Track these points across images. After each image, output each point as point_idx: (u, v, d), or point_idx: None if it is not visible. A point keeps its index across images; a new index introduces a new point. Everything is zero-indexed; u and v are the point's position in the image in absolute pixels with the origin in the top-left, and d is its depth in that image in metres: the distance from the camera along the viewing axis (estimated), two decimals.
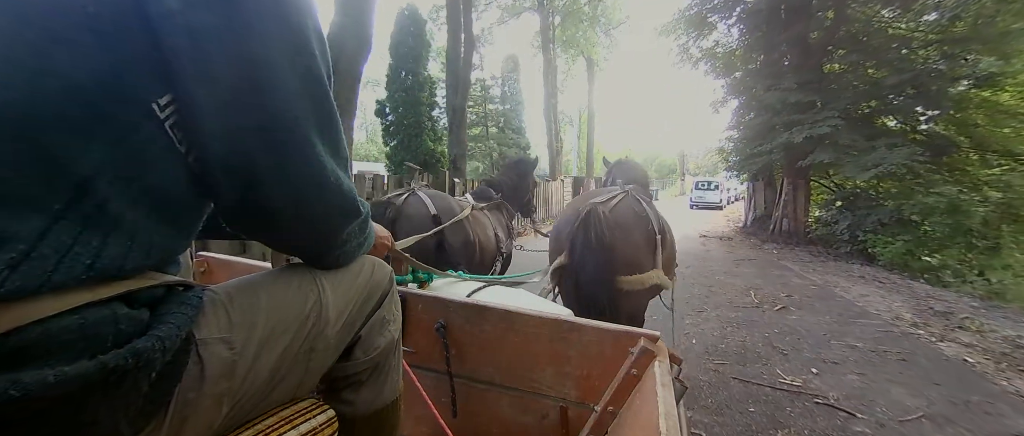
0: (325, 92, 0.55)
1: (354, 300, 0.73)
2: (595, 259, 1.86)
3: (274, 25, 0.48)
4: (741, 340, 3.56)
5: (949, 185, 7.03)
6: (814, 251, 8.33)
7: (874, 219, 7.56)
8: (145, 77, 0.43)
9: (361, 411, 0.77)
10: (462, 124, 10.49)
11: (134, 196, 0.44)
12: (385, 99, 14.35)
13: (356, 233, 0.70)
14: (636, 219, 2.01)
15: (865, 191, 8.65)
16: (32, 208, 0.37)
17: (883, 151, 7.48)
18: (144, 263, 0.46)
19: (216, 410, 0.53)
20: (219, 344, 0.53)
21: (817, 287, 5.52)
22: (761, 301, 4.76)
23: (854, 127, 8.35)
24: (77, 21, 0.39)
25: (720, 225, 13.73)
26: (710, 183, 22.15)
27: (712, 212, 19.79)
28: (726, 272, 6.31)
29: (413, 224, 2.28)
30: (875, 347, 3.50)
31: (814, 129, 8.14)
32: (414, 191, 2.49)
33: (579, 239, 1.89)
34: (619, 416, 0.94)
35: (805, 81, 8.93)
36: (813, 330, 3.85)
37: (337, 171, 0.58)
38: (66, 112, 0.38)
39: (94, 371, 0.38)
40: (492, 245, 2.79)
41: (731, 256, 7.85)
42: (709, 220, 15.36)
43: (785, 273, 6.39)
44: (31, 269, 0.37)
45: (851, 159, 7.88)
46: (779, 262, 7.33)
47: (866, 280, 6.10)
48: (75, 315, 0.39)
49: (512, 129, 20.35)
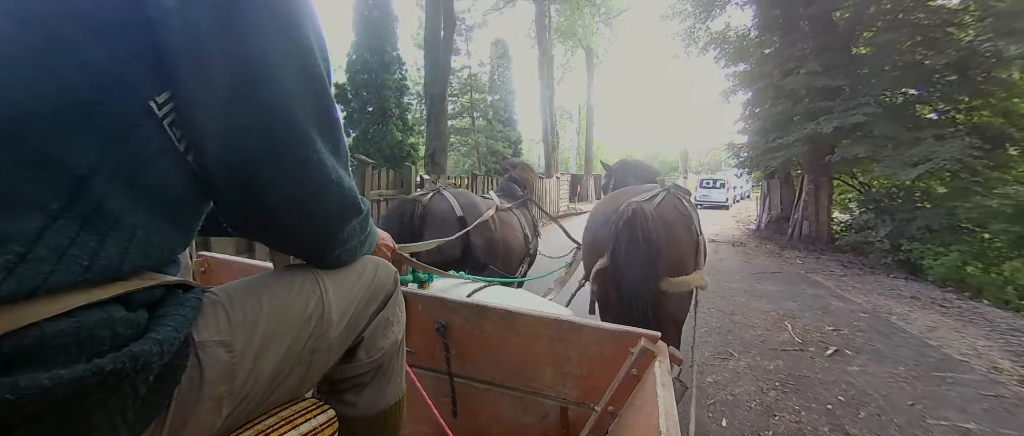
0: (324, 89, 0.54)
1: (357, 301, 0.71)
2: (641, 260, 1.76)
3: (272, 22, 0.48)
4: (795, 417, 2.40)
5: (1017, 185, 5.82)
6: (844, 261, 7.15)
7: (919, 225, 6.37)
8: (143, 75, 0.43)
9: (363, 413, 0.76)
10: (442, 114, 9.32)
11: (132, 195, 0.43)
12: (346, 82, 12.53)
13: (357, 231, 0.69)
14: (681, 218, 1.94)
15: (905, 191, 7.44)
16: (29, 208, 0.37)
17: (931, 144, 6.30)
18: (142, 264, 0.45)
19: (215, 413, 0.51)
20: (218, 347, 0.51)
21: (867, 315, 4.35)
22: (804, 338, 3.60)
23: (892, 116, 7.18)
24: (73, 19, 0.39)
25: (729, 227, 12.53)
26: (716, 181, 20.83)
27: (718, 212, 18.59)
28: (747, 291, 5.14)
29: (439, 224, 2.23)
30: (993, 428, 2.35)
31: (846, 117, 6.96)
32: (439, 190, 2.40)
33: (624, 238, 1.79)
34: (619, 416, 0.94)
35: (832, 64, 7.75)
36: (892, 394, 2.69)
37: (337, 169, 0.58)
38: (63, 110, 0.38)
39: (90, 375, 0.37)
40: (520, 245, 2.68)
41: (749, 267, 6.68)
42: (716, 221, 14.17)
43: (820, 292, 5.22)
44: (27, 271, 0.36)
45: (890, 153, 6.71)
46: (807, 276, 6.16)
47: (922, 303, 4.93)
48: (71, 318, 0.38)
49: (501, 121, 18.71)
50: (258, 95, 0.47)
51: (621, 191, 2.25)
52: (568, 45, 23.46)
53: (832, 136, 7.43)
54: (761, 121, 9.38)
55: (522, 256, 2.70)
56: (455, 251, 2.22)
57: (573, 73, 25.50)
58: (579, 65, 24.50)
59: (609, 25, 25.18)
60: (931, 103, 7.80)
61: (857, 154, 7.03)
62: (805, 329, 3.82)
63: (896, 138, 6.74)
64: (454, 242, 2.09)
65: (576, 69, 25.03)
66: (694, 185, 20.66)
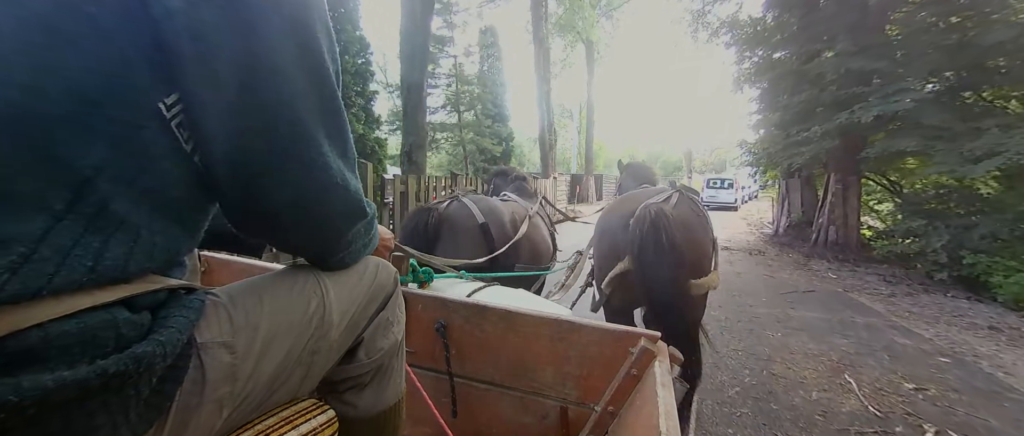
0: (332, 91, 0.54)
1: (358, 302, 0.71)
2: (669, 262, 1.71)
3: (279, 22, 0.47)
4: None
5: None
6: (885, 275, 6.04)
7: (983, 233, 5.26)
8: (150, 77, 0.42)
9: (363, 413, 0.75)
10: (420, 106, 8.25)
11: (137, 196, 0.43)
12: None
13: (362, 234, 0.69)
14: (698, 219, 1.95)
15: (958, 192, 6.31)
16: (33, 209, 0.37)
17: (996, 135, 5.19)
18: (147, 266, 0.45)
19: (216, 414, 0.51)
20: (220, 348, 0.51)
21: (950, 361, 3.24)
22: (880, 405, 2.50)
23: (940, 104, 6.07)
24: (80, 21, 0.38)
25: (741, 231, 11.42)
26: (724, 180, 19.61)
27: (727, 213, 17.47)
28: (781, 320, 4.05)
29: (459, 233, 2.12)
30: None
31: (887, 105, 5.86)
32: (458, 197, 2.27)
33: (650, 241, 1.72)
34: (619, 416, 0.94)
35: (866, 45, 6.65)
36: None
37: (343, 171, 0.57)
38: (69, 111, 0.38)
39: (93, 376, 0.37)
40: (547, 246, 2.61)
41: (774, 282, 5.59)
42: (726, 223, 13.06)
43: (872, 321, 4.13)
44: (31, 272, 0.36)
45: (944, 147, 5.60)
46: (848, 295, 5.07)
47: (1006, 336, 3.83)
48: (75, 320, 0.38)
49: (491, 116, 17.06)
50: (265, 96, 0.47)
51: (629, 195, 2.24)
52: (568, 39, 22.46)
53: (869, 128, 6.33)
54: (780, 113, 8.24)
55: (548, 259, 2.62)
56: (484, 261, 2.09)
57: (573, 69, 24.56)
58: (579, 60, 23.54)
59: (610, 18, 24.16)
60: (982, 90, 6.69)
61: (902, 148, 5.91)
62: (875, 388, 2.73)
63: (950, 129, 5.63)
64: (482, 250, 2.05)
65: (576, 65, 24.09)
66: (700, 185, 19.52)
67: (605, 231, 2.02)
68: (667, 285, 1.69)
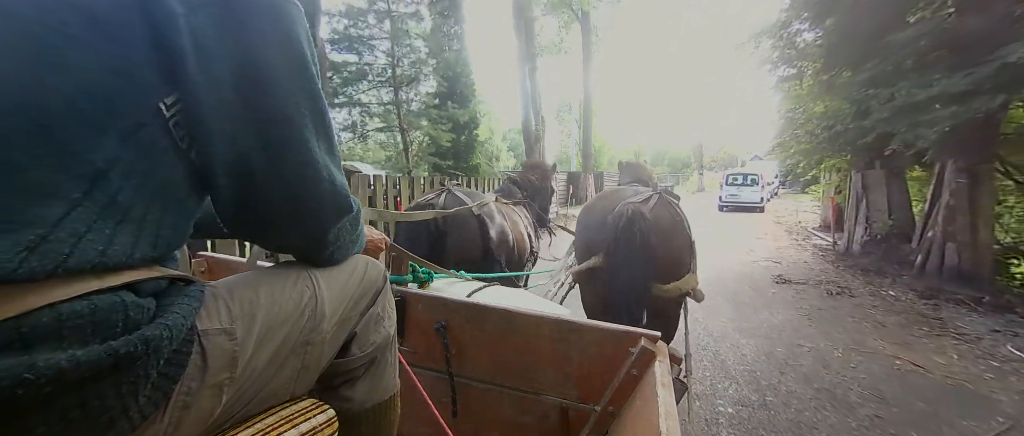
0: (318, 89, 0.57)
1: (349, 297, 0.74)
2: (638, 262, 1.77)
3: (269, 23, 0.51)
4: None
5: None
6: None
7: None
8: (153, 77, 0.44)
9: (359, 406, 0.78)
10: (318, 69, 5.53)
11: (142, 189, 0.45)
12: None
13: (348, 229, 0.71)
14: (674, 223, 1.97)
15: None
16: (52, 196, 0.39)
17: None
18: (150, 254, 0.47)
19: (216, 399, 0.53)
20: (221, 335, 0.53)
21: None
22: None
23: None
24: (87, 22, 0.40)
25: (783, 243, 8.53)
26: (747, 176, 16.23)
27: (751, 215, 14.53)
28: None
29: (458, 225, 2.22)
30: None
31: None
32: (450, 190, 2.38)
33: (623, 241, 1.79)
34: (619, 416, 0.95)
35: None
36: None
37: (330, 167, 0.60)
38: (80, 107, 0.40)
39: (105, 356, 0.39)
40: (526, 243, 2.74)
41: (909, 376, 2.78)
42: (758, 229, 10.19)
43: None
44: (48, 251, 0.38)
45: None
46: None
47: None
48: (85, 301, 0.39)
49: (450, 96, 12.84)
50: (258, 96, 0.51)
51: (614, 190, 2.28)
52: (562, 18, 19.69)
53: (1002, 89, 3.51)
54: (875, 62, 5.16)
55: (528, 254, 2.70)
56: (476, 253, 2.22)
57: (569, 56, 21.79)
58: (575, 46, 20.76)
59: None
60: None
61: None
62: None
63: None
64: (476, 244, 2.19)
65: (572, 50, 21.31)
66: (716, 183, 16.48)
67: (587, 226, 2.10)
68: (629, 285, 1.76)
